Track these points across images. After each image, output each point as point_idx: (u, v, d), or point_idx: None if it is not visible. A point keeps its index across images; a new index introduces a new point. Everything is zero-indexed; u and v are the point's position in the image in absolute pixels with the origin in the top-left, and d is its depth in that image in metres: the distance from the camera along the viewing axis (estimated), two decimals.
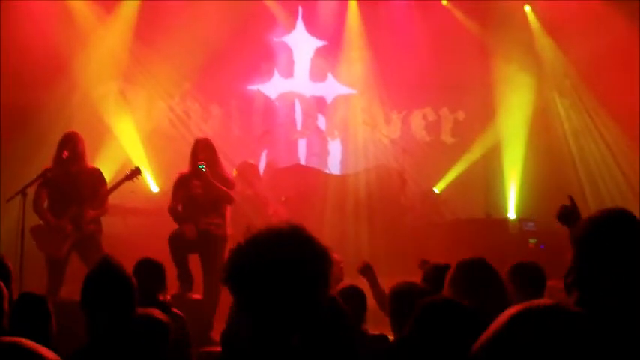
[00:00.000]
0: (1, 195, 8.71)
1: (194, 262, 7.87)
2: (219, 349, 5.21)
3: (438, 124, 12.68)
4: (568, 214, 4.06)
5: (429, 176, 12.13)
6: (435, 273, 4.42)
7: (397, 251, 10.07)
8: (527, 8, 12.47)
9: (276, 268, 2.19)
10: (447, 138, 12.66)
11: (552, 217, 4.17)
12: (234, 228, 8.17)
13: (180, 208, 7.92)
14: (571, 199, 4.17)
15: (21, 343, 2.66)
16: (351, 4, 12.36)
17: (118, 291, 3.80)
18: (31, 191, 7.86)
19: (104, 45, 10.99)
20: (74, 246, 7.84)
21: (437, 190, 12.02)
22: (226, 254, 3.67)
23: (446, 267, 3.94)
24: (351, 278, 5.41)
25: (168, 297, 5.87)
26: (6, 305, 3.29)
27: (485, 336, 1.90)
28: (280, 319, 2.19)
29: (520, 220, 10.96)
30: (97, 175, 8.12)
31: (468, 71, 12.30)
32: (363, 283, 5.20)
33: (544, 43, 12.28)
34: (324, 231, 9.06)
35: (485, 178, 12.24)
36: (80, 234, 7.86)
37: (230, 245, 6.40)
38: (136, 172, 8.16)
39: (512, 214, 11.87)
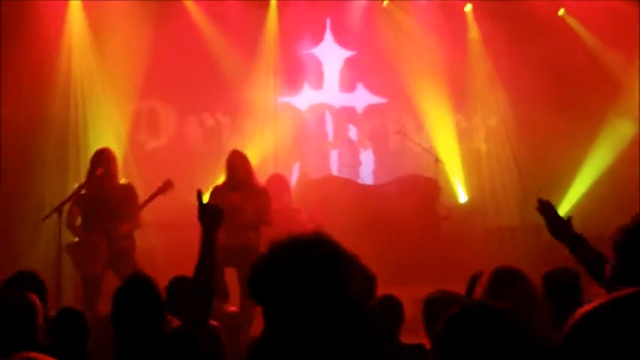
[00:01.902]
0: (37, 213, 8.82)
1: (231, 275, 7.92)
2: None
3: (470, 131, 12.61)
4: (543, 207, 4.04)
5: (463, 184, 12.07)
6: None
7: (432, 260, 10.02)
8: (562, 11, 12.39)
9: (299, 275, 2.17)
10: (480, 145, 12.59)
11: (590, 222, 4.14)
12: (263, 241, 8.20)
13: None
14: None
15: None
16: (379, 14, 12.34)
17: (147, 306, 3.82)
18: (66, 208, 7.94)
19: (132, 61, 11.07)
20: (108, 262, 7.90)
21: (467, 197, 11.95)
22: None
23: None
24: (385, 288, 5.37)
25: None
26: (40, 320, 3.32)
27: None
28: (304, 327, 2.17)
29: None
30: (130, 190, 8.19)
31: (498, 76, 12.25)
32: (396, 293, 5.16)
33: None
34: (358, 241, 8.99)
35: (522, 184, 12.07)
36: (113, 250, 7.92)
37: None
38: (168, 185, 8.21)
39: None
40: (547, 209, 3.99)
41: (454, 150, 12.26)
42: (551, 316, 3.60)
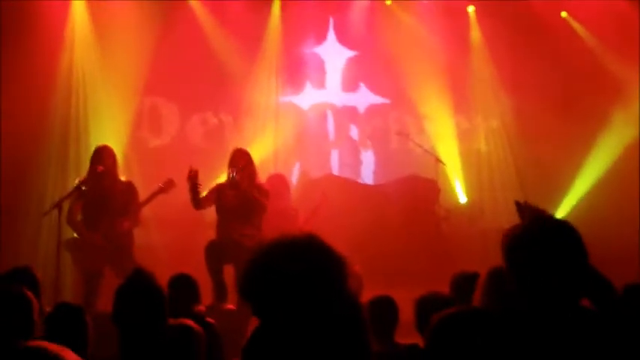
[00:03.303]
0: (38, 209, 8.84)
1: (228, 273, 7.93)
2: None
3: (471, 132, 12.62)
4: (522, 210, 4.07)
5: (463, 185, 12.09)
6: (463, 282, 4.41)
7: (431, 261, 10.04)
8: (564, 14, 12.40)
9: (288, 276, 2.19)
10: (480, 146, 12.60)
11: (590, 224, 4.15)
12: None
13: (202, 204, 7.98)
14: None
15: (46, 348, 2.69)
16: (382, 14, 12.34)
17: (149, 303, 3.83)
18: (66, 204, 7.96)
19: (135, 59, 11.09)
20: (107, 260, 7.92)
21: (467, 198, 11.96)
22: None
23: (475, 275, 3.93)
24: (384, 289, 5.37)
25: (203, 308, 5.91)
26: (36, 316, 3.33)
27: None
28: (294, 327, 2.19)
29: None
30: (130, 187, 8.22)
31: (500, 78, 12.28)
32: (395, 294, 5.17)
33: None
34: (357, 240, 9.04)
35: (523, 186, 12.05)
36: (113, 246, 7.95)
37: None
38: (169, 184, 8.23)
39: None
40: (524, 211, 3.99)
41: (454, 151, 12.28)
42: None
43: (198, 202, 8.02)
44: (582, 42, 12.30)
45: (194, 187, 7.91)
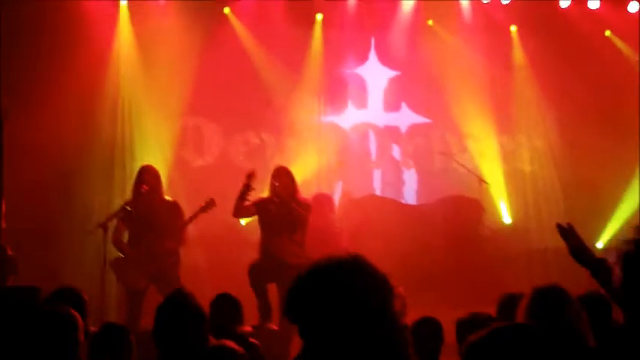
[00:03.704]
0: (82, 228, 8.93)
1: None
2: None
3: (515, 152, 12.51)
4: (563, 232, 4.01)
5: (507, 205, 11.98)
6: (509, 302, 4.36)
7: (474, 281, 9.95)
8: (608, 33, 12.28)
9: (333, 298, 2.18)
10: (524, 166, 12.48)
11: None
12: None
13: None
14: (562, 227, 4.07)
15: None
16: (423, 34, 12.32)
17: (188, 322, 3.83)
18: (112, 224, 8.04)
19: (178, 79, 11.21)
20: (152, 278, 7.97)
21: (512, 218, 11.85)
22: None
23: (520, 296, 3.89)
24: (428, 310, 5.34)
25: (249, 328, 5.92)
26: (81, 336, 3.35)
27: None
28: (341, 349, 2.18)
29: (606, 249, 10.72)
30: (175, 207, 8.28)
31: (544, 97, 12.19)
32: (440, 315, 5.13)
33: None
34: (400, 261, 9.00)
35: (569, 206, 11.87)
36: (157, 266, 8.00)
37: None
38: (211, 203, 8.28)
39: (600, 244, 11.53)
40: (567, 234, 3.96)
41: (498, 171, 12.16)
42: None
43: (240, 208, 8.10)
44: (627, 61, 12.14)
45: (246, 189, 7.99)
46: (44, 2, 10.27)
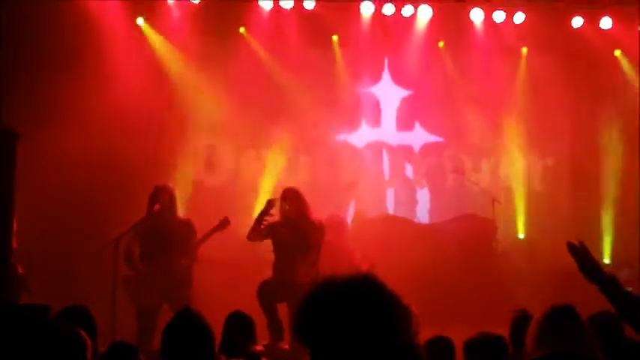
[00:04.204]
0: (94, 245, 8.93)
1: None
2: None
3: (528, 170, 12.47)
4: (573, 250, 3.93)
5: (520, 223, 11.94)
6: (522, 322, 4.32)
7: (487, 300, 9.90)
8: (618, 52, 12.25)
9: (344, 317, 2.15)
10: (537, 184, 12.44)
11: None
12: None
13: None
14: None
15: None
16: (435, 54, 12.33)
17: (196, 341, 3.82)
18: (123, 242, 8.04)
19: (192, 97, 11.27)
20: (164, 296, 7.96)
21: (525, 236, 11.80)
22: None
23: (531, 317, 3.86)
24: (441, 329, 5.29)
25: (260, 347, 5.89)
26: (88, 355, 3.34)
27: None
28: None
29: (614, 266, 10.68)
30: (188, 225, 8.29)
31: (555, 116, 12.17)
32: (452, 334, 5.09)
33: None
34: (413, 280, 8.96)
35: (578, 222, 11.83)
36: (170, 284, 7.99)
37: None
38: (225, 222, 8.28)
39: (607, 260, 11.51)
40: (577, 252, 3.91)
41: (511, 189, 12.13)
42: None
43: (255, 232, 8.10)
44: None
45: (262, 216, 8.00)
46: (61, 19, 10.40)
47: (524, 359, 3.80)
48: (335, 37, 12.07)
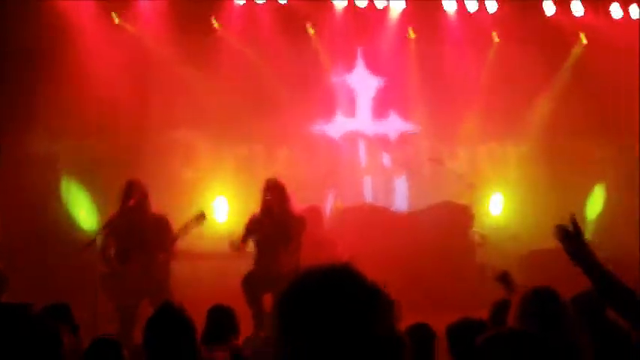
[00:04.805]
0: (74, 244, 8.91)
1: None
2: None
3: (503, 156, 12.56)
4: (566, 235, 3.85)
5: (497, 209, 12.03)
6: (502, 306, 4.37)
7: (466, 287, 9.97)
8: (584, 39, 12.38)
9: (323, 307, 2.17)
10: (512, 169, 12.52)
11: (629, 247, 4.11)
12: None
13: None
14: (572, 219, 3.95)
15: None
16: (408, 44, 12.37)
17: (178, 334, 3.85)
18: (99, 240, 8.03)
19: (167, 91, 11.25)
20: (143, 293, 7.94)
21: (502, 223, 11.89)
22: None
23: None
24: (420, 317, 5.33)
25: (239, 342, 5.92)
26: (65, 352, 3.33)
27: None
28: (329, 358, 2.16)
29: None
30: (163, 221, 8.26)
31: (530, 104, 12.26)
32: (431, 321, 5.13)
33: None
34: (392, 269, 9.00)
35: (557, 207, 11.92)
36: (148, 281, 7.97)
37: None
38: (201, 217, 8.27)
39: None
40: (567, 235, 3.85)
41: (487, 176, 12.21)
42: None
43: (238, 248, 8.15)
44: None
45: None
46: (35, 17, 10.38)
47: None
48: (309, 27, 12.05)
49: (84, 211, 10.94)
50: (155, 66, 11.22)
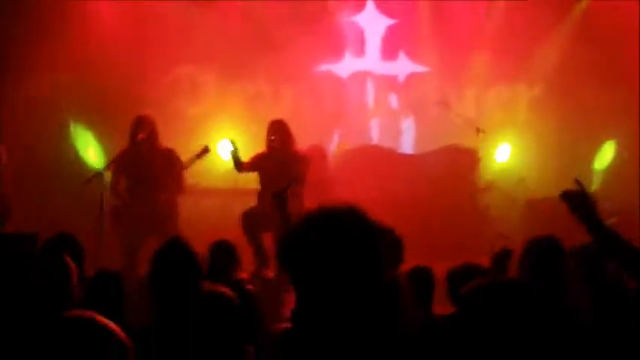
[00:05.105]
0: (80, 178, 8.95)
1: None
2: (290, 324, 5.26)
3: (514, 101, 12.46)
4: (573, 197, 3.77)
5: (505, 154, 11.97)
6: (503, 256, 4.38)
7: (468, 232, 10.00)
8: None
9: (326, 246, 2.18)
10: (523, 115, 12.42)
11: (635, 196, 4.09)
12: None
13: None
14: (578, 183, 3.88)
15: (95, 319, 2.76)
16: None
17: (185, 269, 3.90)
18: (109, 174, 8.06)
19: (173, 27, 11.16)
20: (151, 226, 8.00)
21: (509, 168, 11.84)
22: None
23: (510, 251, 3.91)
24: (421, 260, 5.35)
25: (246, 275, 5.97)
26: (74, 285, 3.38)
27: None
28: (333, 298, 2.18)
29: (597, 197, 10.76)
30: (172, 155, 8.30)
31: (544, 47, 12.12)
32: (433, 265, 5.16)
33: None
34: (396, 210, 9.02)
35: (561, 154, 11.86)
36: (156, 214, 8.03)
37: None
38: (205, 150, 8.30)
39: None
40: (573, 197, 3.78)
41: (496, 120, 12.10)
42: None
43: (240, 166, 8.18)
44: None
45: (234, 153, 8.07)
46: None
47: None
48: None
49: (92, 148, 10.99)
50: (158, 3, 11.10)
